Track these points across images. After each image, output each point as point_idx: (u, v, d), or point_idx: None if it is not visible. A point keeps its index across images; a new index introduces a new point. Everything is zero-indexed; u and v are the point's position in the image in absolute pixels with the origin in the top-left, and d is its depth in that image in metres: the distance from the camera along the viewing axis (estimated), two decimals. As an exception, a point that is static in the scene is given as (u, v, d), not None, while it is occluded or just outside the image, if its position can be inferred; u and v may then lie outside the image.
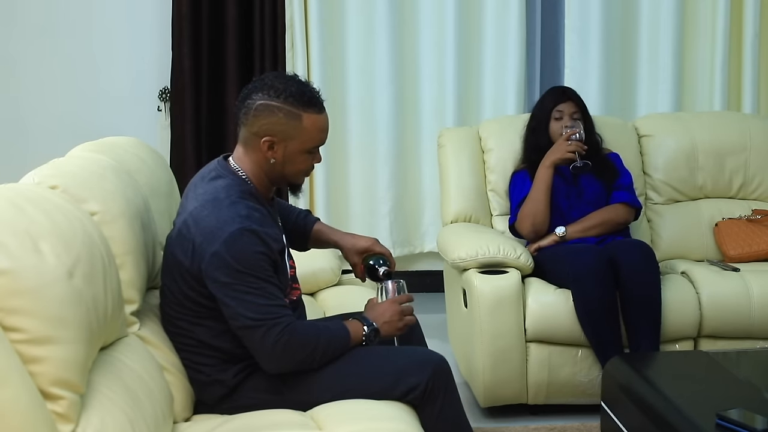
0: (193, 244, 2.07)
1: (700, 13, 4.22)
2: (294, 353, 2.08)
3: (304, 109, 2.13)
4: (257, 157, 2.16)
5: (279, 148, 2.14)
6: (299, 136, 2.14)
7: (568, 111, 3.33)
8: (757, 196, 3.71)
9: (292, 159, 2.16)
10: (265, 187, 2.21)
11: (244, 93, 2.18)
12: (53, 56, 4.18)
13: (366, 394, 2.11)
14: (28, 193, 1.79)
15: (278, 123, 2.12)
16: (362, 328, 2.19)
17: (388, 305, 2.26)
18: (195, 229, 2.08)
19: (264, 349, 2.06)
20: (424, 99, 4.23)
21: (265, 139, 2.13)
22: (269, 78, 2.18)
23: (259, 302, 2.04)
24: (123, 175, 2.17)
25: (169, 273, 2.16)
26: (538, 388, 3.08)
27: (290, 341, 2.06)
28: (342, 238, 2.50)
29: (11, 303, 1.52)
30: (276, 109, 2.12)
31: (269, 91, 2.13)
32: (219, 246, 2.02)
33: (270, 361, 2.08)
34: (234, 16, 4.03)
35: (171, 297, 2.16)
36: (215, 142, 4.11)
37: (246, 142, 2.18)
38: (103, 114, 4.18)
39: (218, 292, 2.05)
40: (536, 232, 3.26)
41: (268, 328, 2.04)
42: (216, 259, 2.02)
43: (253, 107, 2.13)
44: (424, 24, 4.18)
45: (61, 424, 1.56)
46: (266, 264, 2.06)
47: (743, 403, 2.17)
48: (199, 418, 2.16)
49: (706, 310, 3.12)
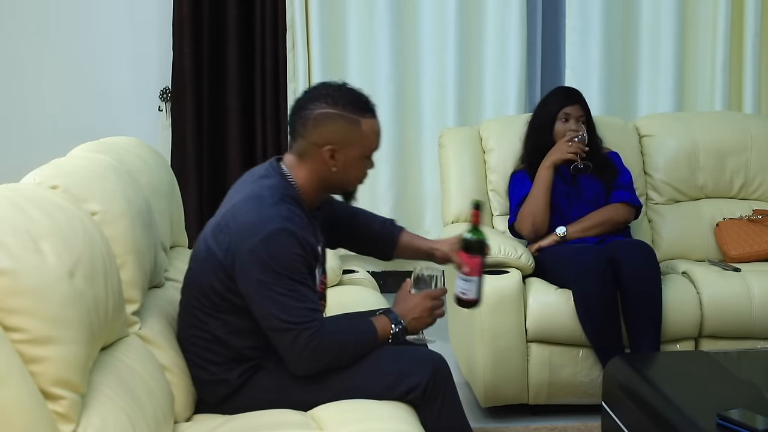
0: (230, 237, 2.08)
1: (701, 13, 4.22)
2: (322, 357, 2.08)
3: (362, 114, 2.16)
4: (316, 167, 2.16)
5: (340, 155, 2.14)
6: (359, 142, 2.16)
7: (575, 114, 3.33)
8: (758, 196, 3.71)
9: (352, 165, 2.18)
10: (314, 197, 2.21)
11: (298, 104, 2.18)
12: (54, 56, 4.18)
13: (366, 394, 2.11)
14: (29, 193, 1.79)
15: (339, 130, 2.13)
16: (390, 327, 2.18)
17: (419, 300, 2.23)
18: (234, 223, 2.09)
19: (293, 352, 2.06)
20: (425, 99, 4.23)
21: (326, 148, 2.13)
22: (322, 88, 2.18)
23: (292, 305, 2.04)
24: (124, 175, 2.17)
25: (199, 262, 2.16)
26: (539, 388, 3.08)
27: (319, 345, 2.06)
28: (433, 243, 2.47)
29: (12, 303, 1.53)
30: (336, 117, 2.13)
31: (326, 100, 2.14)
32: (257, 243, 2.02)
33: (298, 363, 2.09)
34: (235, 16, 4.03)
35: (195, 286, 2.16)
36: (216, 142, 4.11)
37: (303, 152, 2.17)
38: (104, 114, 4.18)
39: (251, 289, 2.05)
40: (536, 232, 3.26)
41: (299, 332, 2.04)
42: (253, 256, 2.03)
43: (312, 117, 2.13)
44: (425, 24, 4.18)
45: (62, 424, 1.56)
46: (302, 266, 2.07)
47: (744, 403, 2.17)
48: (199, 417, 2.16)
49: (707, 310, 3.12)
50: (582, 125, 3.32)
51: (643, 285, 2.98)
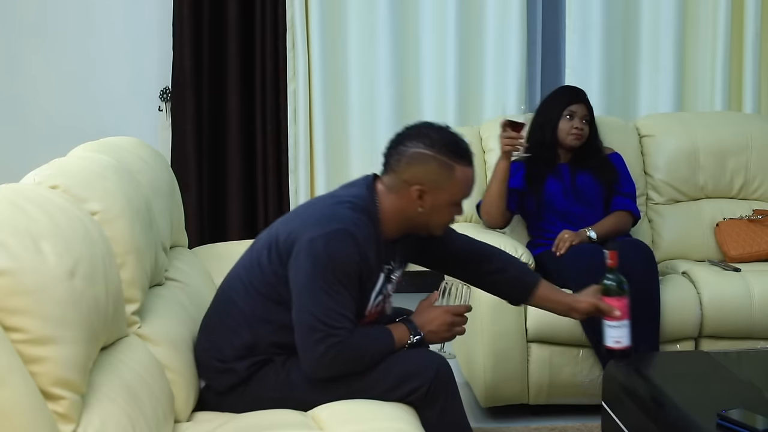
0: (298, 223, 2.13)
1: (701, 13, 4.22)
2: (338, 366, 2.09)
3: (457, 160, 2.14)
4: (402, 204, 2.16)
5: (428, 197, 2.14)
6: (449, 187, 2.15)
7: (580, 113, 3.35)
8: (758, 196, 3.71)
9: (438, 209, 2.17)
10: (392, 229, 2.20)
11: (396, 139, 2.19)
12: (54, 56, 4.18)
13: (369, 395, 2.11)
14: (29, 193, 1.79)
15: (431, 172, 2.13)
16: (408, 337, 2.18)
17: (440, 313, 2.23)
18: (307, 212, 2.15)
19: (314, 353, 2.06)
20: (425, 99, 4.22)
21: (415, 188, 2.14)
22: (423, 127, 2.18)
23: (329, 305, 2.05)
24: (124, 175, 2.17)
25: (258, 244, 2.22)
26: (539, 388, 3.08)
27: (339, 356, 2.06)
28: (574, 297, 2.44)
29: (12, 303, 1.53)
30: (430, 159, 2.13)
31: (424, 140, 2.14)
32: (319, 235, 2.05)
33: (313, 366, 2.08)
34: (235, 16, 4.03)
35: (246, 263, 2.20)
36: (216, 142, 4.11)
37: (393, 187, 2.17)
38: (104, 114, 4.18)
39: (297, 277, 2.07)
40: (488, 222, 3.32)
41: (325, 336, 2.04)
42: (310, 246, 2.05)
43: (406, 154, 2.14)
44: (425, 24, 4.18)
45: (62, 424, 1.56)
46: (353, 272, 2.08)
47: (744, 403, 2.16)
48: (200, 417, 2.16)
49: (707, 310, 3.12)
50: (585, 124, 3.34)
51: (641, 285, 2.98)
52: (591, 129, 3.39)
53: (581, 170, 3.36)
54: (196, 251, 2.89)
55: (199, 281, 2.56)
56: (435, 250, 2.37)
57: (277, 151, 4.10)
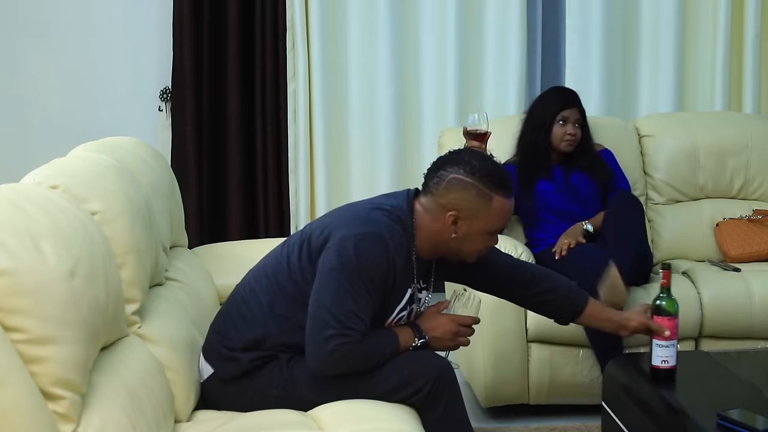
0: (333, 221, 2.15)
1: (701, 13, 4.22)
2: (345, 365, 2.10)
3: (496, 191, 2.14)
4: (437, 227, 2.17)
5: (463, 224, 2.14)
6: (485, 216, 2.14)
7: (573, 118, 3.35)
8: (758, 196, 3.71)
9: (472, 237, 2.17)
10: (424, 248, 2.20)
11: (437, 163, 2.20)
12: (54, 56, 4.18)
13: (371, 397, 2.12)
14: (29, 193, 1.79)
15: (468, 200, 2.13)
16: (413, 340, 2.18)
17: (446, 321, 2.23)
18: (345, 211, 2.18)
19: (321, 350, 2.06)
20: (425, 99, 4.22)
21: (451, 214, 2.14)
22: (466, 154, 2.19)
23: (347, 304, 2.05)
24: (124, 175, 2.17)
25: (291, 240, 2.24)
26: (540, 388, 3.08)
27: (347, 356, 2.07)
28: (624, 314, 2.45)
29: (12, 303, 1.53)
30: (469, 186, 2.13)
31: (465, 167, 2.14)
32: (352, 234, 2.07)
33: (319, 362, 2.09)
34: (235, 16, 4.03)
35: (284, 259, 2.20)
36: (216, 142, 4.11)
37: (429, 209, 2.18)
38: (104, 114, 4.18)
39: (322, 271, 2.08)
40: None
41: (337, 335, 2.04)
42: (341, 244, 2.07)
43: (446, 179, 2.15)
44: (425, 24, 4.18)
45: (62, 424, 1.56)
46: (379, 277, 2.09)
47: (744, 404, 2.17)
48: (200, 417, 2.17)
49: (707, 310, 3.12)
50: (578, 128, 3.34)
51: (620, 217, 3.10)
52: (584, 130, 3.39)
53: (574, 169, 3.36)
54: (196, 251, 2.89)
55: (199, 281, 2.56)
56: (476, 272, 2.36)
57: (277, 151, 4.10)
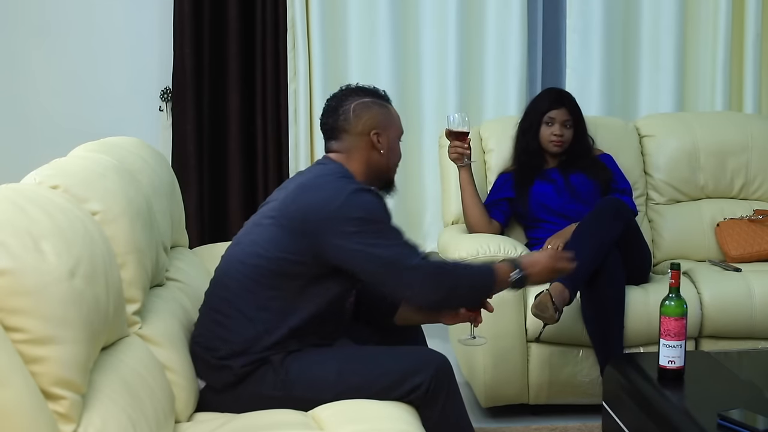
0: (304, 209, 2.14)
1: (702, 13, 4.22)
2: (439, 276, 2.14)
3: (386, 101, 2.37)
4: (365, 155, 2.30)
5: (383, 138, 2.31)
6: (393, 123, 2.36)
7: (560, 118, 3.35)
8: (759, 196, 3.71)
9: (393, 148, 2.35)
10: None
11: (329, 107, 2.34)
12: (54, 56, 4.18)
13: (369, 393, 2.11)
14: (30, 193, 1.79)
15: (377, 115, 2.32)
16: (510, 271, 2.23)
17: (544, 257, 2.29)
18: (307, 195, 2.17)
19: (411, 273, 2.11)
20: (426, 99, 4.22)
21: (373, 132, 2.29)
22: (344, 90, 2.37)
23: (391, 241, 2.13)
24: (125, 175, 2.17)
25: (253, 237, 2.22)
26: (539, 388, 3.09)
27: (434, 264, 2.14)
28: None
29: (13, 303, 1.53)
30: (371, 104, 2.32)
31: (356, 95, 2.33)
32: (341, 203, 2.12)
33: (418, 285, 2.12)
34: (235, 16, 4.02)
35: (248, 258, 2.19)
36: (217, 142, 4.10)
37: (350, 146, 2.30)
38: (105, 114, 4.17)
39: (346, 243, 2.10)
40: (472, 231, 3.33)
41: (410, 254, 2.12)
42: (340, 214, 2.11)
43: (351, 110, 2.30)
44: (426, 24, 4.17)
45: (63, 424, 1.56)
46: (389, 216, 2.17)
47: (745, 404, 2.17)
48: (200, 417, 2.16)
49: (708, 310, 3.12)
50: (568, 128, 3.34)
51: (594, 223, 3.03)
52: (577, 130, 3.38)
53: (573, 171, 3.36)
54: (197, 251, 2.89)
55: (199, 281, 2.56)
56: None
57: (278, 151, 4.10)
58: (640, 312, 3.03)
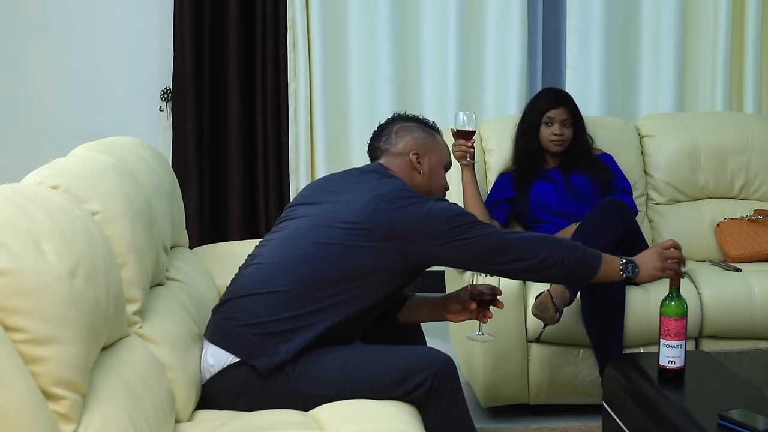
0: (391, 221, 2.17)
1: (702, 13, 4.22)
2: (544, 242, 2.25)
3: (432, 130, 2.45)
4: (407, 176, 2.35)
5: (424, 160, 2.38)
6: (437, 149, 2.42)
7: (559, 118, 3.35)
8: (759, 196, 3.71)
9: (435, 173, 2.40)
10: None
11: (377, 131, 2.45)
12: (54, 56, 4.18)
13: (371, 391, 2.11)
14: (30, 193, 1.79)
15: (419, 138, 2.40)
16: (619, 265, 2.29)
17: (652, 254, 2.35)
18: (389, 202, 2.19)
19: (527, 238, 2.27)
20: (426, 99, 4.22)
21: (412, 153, 2.37)
22: (393, 117, 2.48)
23: (483, 228, 2.21)
24: (125, 175, 2.17)
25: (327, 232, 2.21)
26: (540, 388, 3.08)
27: (531, 234, 2.35)
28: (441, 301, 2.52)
29: (13, 303, 1.52)
30: (414, 128, 2.42)
31: (401, 120, 2.44)
32: (429, 208, 2.18)
33: (547, 248, 2.22)
34: (235, 17, 4.03)
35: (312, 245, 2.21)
36: (217, 142, 4.11)
37: (390, 165, 2.38)
38: (105, 114, 4.18)
39: (441, 239, 2.16)
40: None
41: (505, 231, 2.31)
42: (432, 214, 2.18)
43: (394, 132, 2.40)
44: (426, 24, 4.18)
45: (63, 424, 1.56)
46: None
47: (745, 404, 2.17)
48: (201, 417, 2.16)
49: (708, 310, 3.12)
50: (567, 128, 3.34)
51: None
52: (577, 130, 3.39)
53: (573, 171, 3.37)
54: (197, 251, 2.89)
55: (199, 281, 2.56)
56: None
57: (278, 151, 4.10)
58: (640, 312, 3.03)
